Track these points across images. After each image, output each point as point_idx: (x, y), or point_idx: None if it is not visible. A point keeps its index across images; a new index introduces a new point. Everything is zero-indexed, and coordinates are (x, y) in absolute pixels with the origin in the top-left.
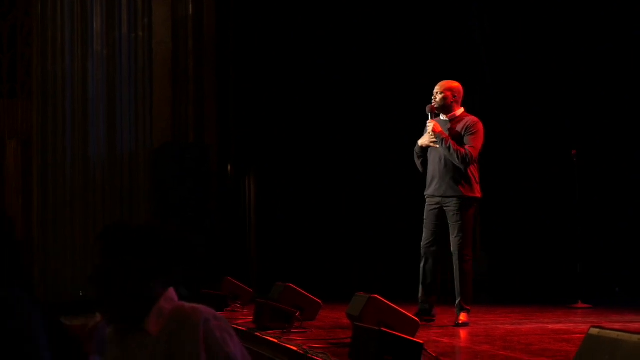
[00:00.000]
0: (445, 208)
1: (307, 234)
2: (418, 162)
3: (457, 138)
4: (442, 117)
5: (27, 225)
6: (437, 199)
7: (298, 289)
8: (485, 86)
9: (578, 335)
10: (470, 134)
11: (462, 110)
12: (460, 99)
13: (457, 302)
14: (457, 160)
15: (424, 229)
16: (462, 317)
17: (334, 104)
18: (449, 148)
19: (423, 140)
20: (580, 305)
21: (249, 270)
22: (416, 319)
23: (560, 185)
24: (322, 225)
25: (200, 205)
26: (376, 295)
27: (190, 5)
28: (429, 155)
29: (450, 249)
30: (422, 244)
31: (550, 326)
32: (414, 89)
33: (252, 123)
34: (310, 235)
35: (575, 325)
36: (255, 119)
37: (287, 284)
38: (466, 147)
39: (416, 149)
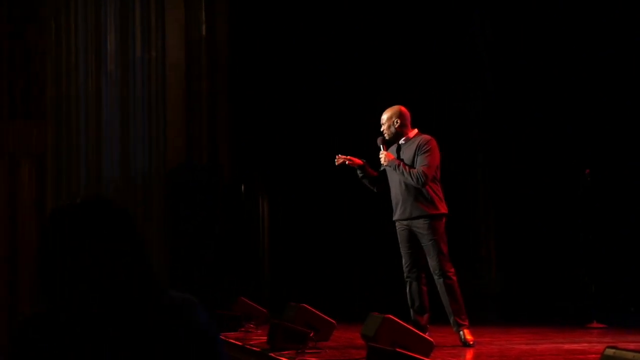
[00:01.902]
0: (415, 230)
1: (320, 254)
2: (364, 182)
3: (413, 160)
4: (398, 143)
5: None
6: (406, 222)
7: (312, 309)
8: (487, 92)
9: (593, 356)
10: (422, 154)
11: (415, 131)
12: (408, 121)
13: (451, 320)
14: (412, 182)
15: (402, 254)
16: (467, 335)
17: (341, 113)
18: (402, 172)
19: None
20: (595, 325)
21: (262, 291)
22: (430, 339)
23: (569, 200)
24: (336, 245)
25: (211, 216)
26: (391, 316)
27: (204, 26)
28: (389, 180)
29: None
30: (403, 268)
31: (565, 346)
32: (418, 96)
33: (266, 143)
34: (323, 255)
35: (591, 345)
36: (268, 139)
37: (301, 304)
38: (419, 167)
39: (358, 172)
